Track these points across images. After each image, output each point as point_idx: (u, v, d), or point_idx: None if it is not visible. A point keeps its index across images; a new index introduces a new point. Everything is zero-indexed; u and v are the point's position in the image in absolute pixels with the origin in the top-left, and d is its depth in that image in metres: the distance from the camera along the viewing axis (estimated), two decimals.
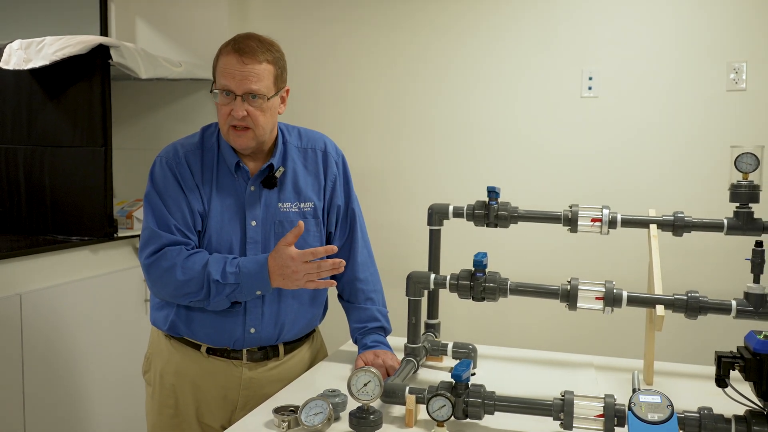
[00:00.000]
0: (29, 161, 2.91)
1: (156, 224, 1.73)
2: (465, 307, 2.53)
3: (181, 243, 1.71)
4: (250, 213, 1.76)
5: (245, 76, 1.67)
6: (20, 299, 2.46)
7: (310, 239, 1.81)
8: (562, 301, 1.62)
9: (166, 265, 1.69)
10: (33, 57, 2.79)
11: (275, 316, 1.78)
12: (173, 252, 1.69)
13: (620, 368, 1.92)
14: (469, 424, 1.49)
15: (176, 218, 1.72)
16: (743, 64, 2.99)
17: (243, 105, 1.67)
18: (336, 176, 1.87)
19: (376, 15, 3.46)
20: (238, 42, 1.69)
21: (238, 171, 1.77)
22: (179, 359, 1.80)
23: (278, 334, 1.80)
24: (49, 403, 2.58)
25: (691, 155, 3.07)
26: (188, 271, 1.67)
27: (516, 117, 3.29)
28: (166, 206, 1.73)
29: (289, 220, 1.78)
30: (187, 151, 1.78)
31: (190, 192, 1.74)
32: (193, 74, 3.28)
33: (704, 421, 1.34)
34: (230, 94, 1.68)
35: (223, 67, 1.69)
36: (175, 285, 1.69)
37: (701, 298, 1.57)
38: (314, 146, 1.87)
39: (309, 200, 1.82)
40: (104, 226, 2.83)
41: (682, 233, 1.78)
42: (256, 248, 1.75)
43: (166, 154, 1.79)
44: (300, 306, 1.83)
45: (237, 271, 1.66)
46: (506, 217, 1.83)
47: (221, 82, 1.69)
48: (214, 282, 1.66)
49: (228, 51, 1.69)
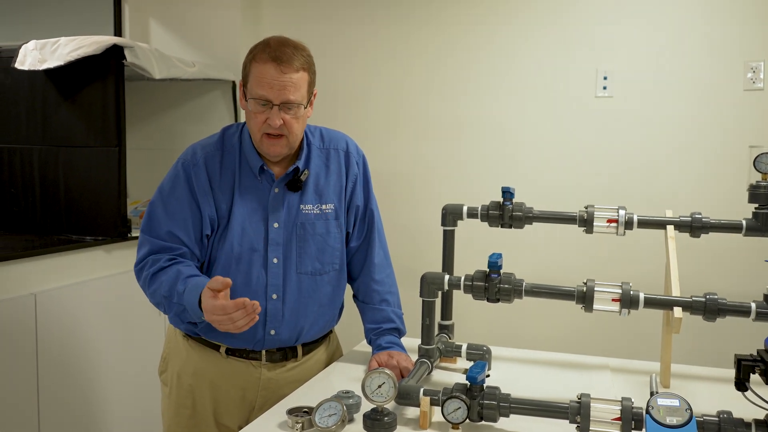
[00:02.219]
0: (44, 161, 2.93)
1: (147, 229, 1.73)
2: (479, 309, 2.51)
3: (167, 249, 1.70)
4: (273, 215, 1.75)
5: (284, 85, 1.64)
6: (35, 299, 2.47)
7: (331, 240, 1.81)
8: (578, 303, 1.60)
9: (144, 275, 1.71)
10: (48, 57, 2.81)
11: (295, 318, 1.78)
12: (153, 261, 1.70)
13: (636, 371, 1.90)
14: (484, 427, 1.48)
15: (175, 222, 1.71)
16: (761, 64, 2.95)
17: (279, 114, 1.65)
18: (357, 176, 1.86)
19: (392, 14, 3.45)
20: (275, 49, 1.65)
21: (262, 174, 1.75)
22: (197, 359, 1.79)
23: (297, 336, 1.80)
24: (64, 403, 2.58)
25: (708, 155, 3.03)
26: (154, 281, 1.68)
27: (531, 117, 3.27)
28: (165, 210, 1.72)
29: (310, 222, 1.78)
30: (207, 153, 1.76)
31: (202, 196, 1.72)
32: (207, 74, 3.28)
33: (724, 426, 1.32)
34: (267, 104, 1.66)
35: (260, 75, 1.64)
36: (149, 295, 1.72)
37: (720, 300, 1.54)
38: (336, 146, 1.85)
39: (330, 202, 1.81)
40: (118, 226, 2.84)
41: (700, 234, 1.76)
42: (278, 250, 1.75)
43: (185, 156, 1.77)
44: (320, 308, 1.82)
45: (182, 292, 1.62)
46: (521, 217, 1.82)
47: (258, 91, 1.65)
48: (163, 298, 1.66)
49: (265, 59, 1.64)
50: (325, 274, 1.82)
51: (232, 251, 1.73)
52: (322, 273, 1.81)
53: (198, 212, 1.72)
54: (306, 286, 1.79)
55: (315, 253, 1.79)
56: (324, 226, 1.80)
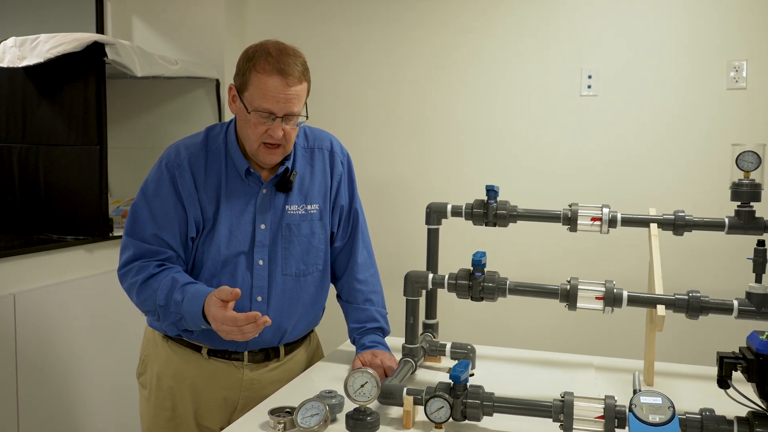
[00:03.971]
0: (23, 160, 2.89)
1: (131, 232, 1.69)
2: (463, 307, 2.51)
3: (154, 253, 1.67)
4: (261, 217, 1.73)
5: (288, 98, 1.61)
6: (14, 299, 2.43)
7: (315, 241, 1.79)
8: (562, 301, 1.60)
9: (131, 280, 1.66)
10: (27, 54, 2.77)
11: (279, 319, 1.76)
12: (140, 267, 1.66)
13: (620, 369, 1.90)
14: (468, 426, 1.47)
15: (160, 225, 1.68)
16: (743, 63, 2.97)
17: (281, 125, 1.63)
18: (342, 176, 1.85)
19: (371, 12, 3.44)
20: (277, 59, 1.60)
21: (249, 176, 1.72)
22: (178, 361, 1.77)
23: (281, 337, 1.79)
24: (43, 403, 2.55)
25: (691, 154, 3.05)
26: (146, 289, 1.64)
27: (515, 116, 3.27)
28: (150, 212, 1.68)
29: (296, 223, 1.76)
30: (191, 153, 1.71)
31: (187, 198, 1.68)
32: (190, 72, 3.25)
33: (706, 423, 1.32)
34: (270, 116, 1.63)
35: (264, 87, 1.60)
36: (136, 301, 1.68)
37: (702, 298, 1.55)
38: (321, 146, 1.83)
39: (315, 202, 1.79)
40: (99, 225, 2.81)
41: (683, 232, 1.76)
42: (263, 252, 1.73)
43: (168, 155, 1.72)
44: (303, 309, 1.81)
45: (181, 301, 1.59)
46: (505, 216, 1.81)
47: (262, 104, 1.61)
48: (159, 307, 1.63)
49: (269, 70, 1.60)
50: (309, 275, 1.80)
51: (219, 255, 1.70)
52: (306, 274, 1.79)
53: (183, 214, 1.69)
54: (290, 287, 1.77)
55: (300, 254, 1.77)
56: (309, 227, 1.78)
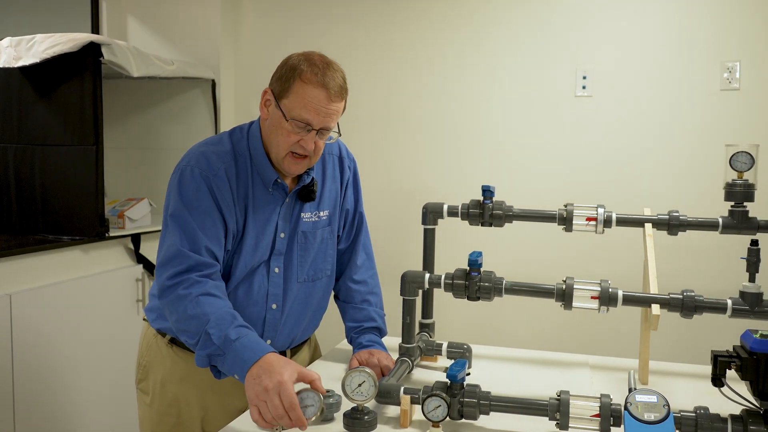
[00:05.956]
0: (19, 160, 2.88)
1: (184, 244, 1.56)
2: (460, 307, 2.52)
3: (207, 266, 1.58)
4: (282, 225, 1.70)
5: (329, 113, 1.59)
6: (10, 300, 2.43)
7: (325, 247, 1.80)
8: (558, 301, 1.61)
9: (182, 293, 1.53)
10: (23, 55, 2.77)
11: (291, 325, 1.76)
12: (195, 280, 1.54)
13: (616, 368, 1.91)
14: (465, 425, 1.48)
15: (209, 237, 1.58)
16: (737, 64, 2.99)
17: (314, 138, 1.61)
18: (349, 180, 1.84)
19: (366, 13, 3.45)
20: (324, 72, 1.59)
21: (275, 186, 1.68)
22: (184, 366, 1.72)
23: (291, 341, 1.79)
24: (40, 404, 2.55)
25: (685, 154, 3.07)
26: (197, 306, 1.50)
27: (510, 116, 3.28)
28: (198, 223, 1.57)
29: (310, 230, 1.75)
30: (225, 163, 1.63)
31: (226, 209, 1.61)
32: (186, 72, 3.25)
33: (701, 421, 1.34)
34: (307, 127, 1.60)
35: (307, 98, 1.57)
36: (178, 316, 1.54)
37: (697, 297, 1.56)
38: (330, 151, 1.82)
39: (326, 208, 1.78)
40: (95, 225, 2.80)
41: (677, 232, 1.77)
42: (279, 260, 1.71)
43: (198, 163, 1.61)
44: (312, 313, 1.82)
45: (234, 341, 1.46)
46: (501, 216, 1.82)
47: (303, 114, 1.57)
48: (204, 332, 1.48)
49: (315, 82, 1.57)
50: (318, 280, 1.80)
51: (246, 266, 1.66)
52: (315, 279, 1.79)
53: (224, 226, 1.62)
54: (302, 293, 1.76)
55: (312, 260, 1.76)
56: (321, 233, 1.77)
